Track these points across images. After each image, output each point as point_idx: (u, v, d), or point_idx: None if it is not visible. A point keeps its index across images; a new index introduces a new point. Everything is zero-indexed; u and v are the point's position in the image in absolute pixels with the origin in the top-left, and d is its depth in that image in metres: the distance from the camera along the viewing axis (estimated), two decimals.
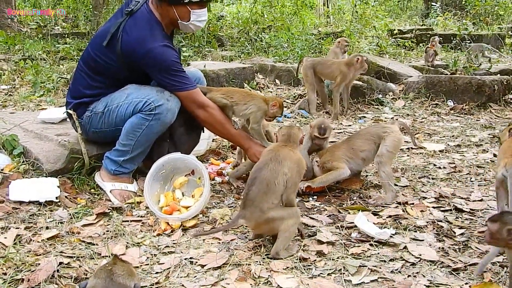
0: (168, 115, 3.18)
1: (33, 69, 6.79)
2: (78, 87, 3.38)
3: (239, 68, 7.06)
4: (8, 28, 10.37)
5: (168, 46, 3.22)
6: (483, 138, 4.92)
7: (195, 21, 3.31)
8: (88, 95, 3.34)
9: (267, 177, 2.50)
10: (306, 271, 2.37)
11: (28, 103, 5.59)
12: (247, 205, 2.48)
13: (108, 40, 3.18)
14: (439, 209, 3.14)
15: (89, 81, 3.32)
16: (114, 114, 3.24)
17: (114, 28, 3.19)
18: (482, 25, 14.42)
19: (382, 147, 3.34)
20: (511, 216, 2.00)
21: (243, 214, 2.48)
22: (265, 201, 2.47)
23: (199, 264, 2.43)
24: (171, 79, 3.20)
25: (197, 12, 3.28)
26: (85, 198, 3.25)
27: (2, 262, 2.36)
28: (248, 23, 12.75)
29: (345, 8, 17.68)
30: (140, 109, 3.15)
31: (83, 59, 3.39)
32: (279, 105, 3.43)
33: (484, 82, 6.26)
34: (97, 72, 3.30)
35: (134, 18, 3.22)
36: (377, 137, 3.40)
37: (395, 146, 3.37)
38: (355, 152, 3.44)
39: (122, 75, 3.29)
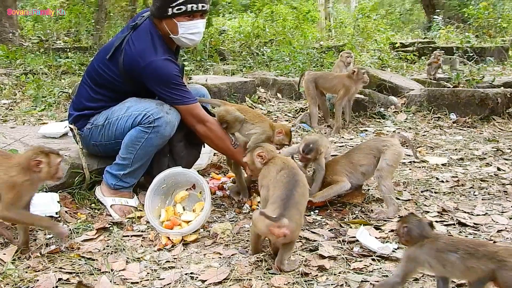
0: (167, 128, 3.19)
1: (34, 83, 6.83)
2: (81, 99, 3.42)
3: (240, 82, 7.09)
4: (9, 43, 10.46)
5: (169, 60, 3.24)
6: (487, 152, 4.91)
7: (186, 34, 3.30)
8: (90, 107, 3.37)
9: (303, 182, 2.62)
10: (308, 286, 2.36)
11: (29, 118, 5.62)
12: (291, 206, 2.45)
13: (111, 53, 3.23)
14: (442, 223, 3.13)
15: (92, 94, 3.36)
16: (114, 127, 3.26)
17: (118, 41, 3.25)
18: (485, 38, 14.49)
19: (382, 161, 3.34)
20: (414, 217, 2.21)
21: (287, 213, 2.41)
22: (303, 204, 2.55)
23: (200, 279, 2.42)
24: (171, 93, 3.22)
25: (184, 24, 3.27)
26: (86, 213, 3.26)
27: (0, 278, 2.36)
28: (249, 37, 12.86)
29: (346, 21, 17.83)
30: (139, 121, 3.16)
31: (87, 72, 3.44)
32: (285, 133, 3.42)
33: (487, 95, 6.27)
34: (99, 85, 3.34)
35: (138, 32, 3.28)
36: (377, 151, 3.40)
37: (395, 159, 3.36)
38: (354, 166, 3.44)
39: (124, 89, 3.32)
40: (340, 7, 23.02)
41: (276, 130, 3.42)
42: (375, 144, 3.48)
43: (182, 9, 3.22)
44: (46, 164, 2.61)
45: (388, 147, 3.37)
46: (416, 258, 2.10)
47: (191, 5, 3.23)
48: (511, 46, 13.15)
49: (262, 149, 2.83)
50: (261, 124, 3.44)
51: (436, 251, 2.06)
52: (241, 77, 8.08)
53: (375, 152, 3.41)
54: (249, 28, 14.49)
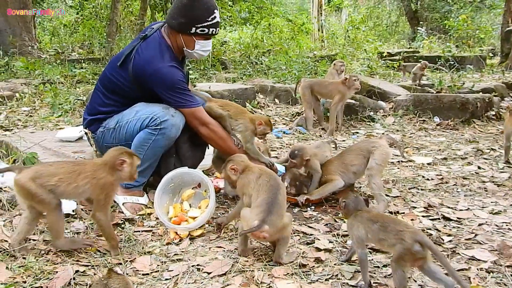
0: (172, 130, 3.19)
1: (51, 92, 6.83)
2: (94, 104, 3.42)
3: (241, 89, 7.08)
4: (29, 55, 10.44)
5: (175, 66, 3.24)
6: (468, 152, 4.91)
7: (199, 50, 3.35)
8: (102, 112, 3.37)
9: (283, 187, 2.60)
10: (305, 276, 2.35)
11: (47, 123, 5.61)
12: (274, 211, 2.43)
13: (122, 61, 3.23)
14: (428, 218, 3.12)
15: (104, 99, 3.35)
16: (124, 129, 3.25)
17: (128, 50, 3.26)
18: (464, 48, 14.51)
19: (372, 161, 3.32)
20: (355, 197, 2.46)
21: (269, 219, 2.40)
22: (284, 208, 2.53)
23: (206, 271, 2.41)
24: (176, 97, 3.21)
25: (201, 42, 3.32)
26: None
27: (22, 270, 2.35)
28: (249, 47, 12.87)
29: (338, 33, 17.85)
30: (147, 124, 3.16)
31: (100, 80, 3.44)
32: (264, 123, 3.40)
33: (468, 100, 6.28)
34: (111, 91, 3.33)
35: (147, 42, 3.28)
36: (367, 152, 3.38)
37: (383, 159, 3.35)
38: (346, 166, 3.43)
39: (133, 94, 3.31)
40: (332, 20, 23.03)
41: (257, 122, 3.40)
42: (364, 145, 3.47)
43: (205, 31, 3.27)
44: (129, 164, 2.61)
45: (376, 148, 3.36)
46: (353, 225, 2.34)
47: (212, 29, 3.29)
48: (488, 55, 13.17)
49: (232, 163, 2.78)
50: (243, 120, 3.42)
51: (365, 219, 2.30)
52: (241, 84, 8.08)
53: (365, 153, 3.39)
54: (249, 39, 14.51)
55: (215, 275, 2.36)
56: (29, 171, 2.50)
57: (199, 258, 2.56)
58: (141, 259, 2.54)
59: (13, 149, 3.81)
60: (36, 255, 2.55)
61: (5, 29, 10.59)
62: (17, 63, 9.07)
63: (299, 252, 2.61)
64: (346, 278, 2.32)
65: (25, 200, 2.52)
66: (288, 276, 2.35)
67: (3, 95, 6.74)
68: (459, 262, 2.49)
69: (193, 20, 3.23)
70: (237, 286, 2.24)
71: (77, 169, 2.55)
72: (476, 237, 2.79)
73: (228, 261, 2.50)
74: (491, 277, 2.32)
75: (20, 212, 3.05)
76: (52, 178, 2.48)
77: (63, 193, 2.52)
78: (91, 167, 2.58)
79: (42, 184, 2.46)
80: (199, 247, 2.72)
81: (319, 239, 2.77)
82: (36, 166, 2.60)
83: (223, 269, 2.40)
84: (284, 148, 5.14)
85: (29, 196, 2.47)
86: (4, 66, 9.22)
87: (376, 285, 2.26)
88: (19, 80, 8.10)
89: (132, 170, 2.64)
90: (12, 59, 9.70)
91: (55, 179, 2.49)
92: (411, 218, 3.09)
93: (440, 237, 2.80)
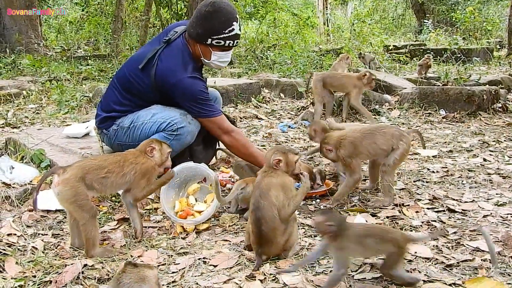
0: (188, 137, 3.26)
1: (58, 89, 6.89)
2: (109, 102, 3.45)
3: (246, 83, 7.10)
4: (35, 52, 10.51)
5: (197, 77, 3.27)
6: (474, 144, 4.90)
7: (216, 61, 3.36)
8: (117, 110, 3.41)
9: (269, 215, 2.40)
10: (311, 269, 2.37)
11: (54, 120, 5.66)
12: (264, 243, 2.40)
13: (144, 65, 3.23)
14: (433, 210, 3.13)
15: (120, 98, 3.38)
16: (139, 130, 3.29)
17: (150, 54, 3.25)
18: (471, 40, 14.41)
19: (392, 156, 3.20)
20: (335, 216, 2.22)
21: (263, 251, 2.41)
22: (277, 234, 2.42)
23: (212, 264, 2.44)
24: (198, 107, 3.25)
25: (218, 54, 3.32)
26: (107, 205, 3.29)
27: (32, 265, 2.39)
28: (254, 42, 12.85)
29: (343, 26, 17.78)
30: (163, 128, 3.21)
31: (118, 78, 3.43)
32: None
33: (474, 92, 6.24)
34: (129, 91, 3.36)
35: (170, 48, 3.28)
36: (395, 142, 3.21)
37: (402, 157, 3.26)
38: (375, 148, 3.23)
39: (152, 98, 3.34)
40: (337, 13, 22.95)
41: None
42: (397, 135, 3.23)
43: (221, 43, 3.25)
44: (158, 151, 2.79)
45: (403, 143, 3.21)
46: (347, 246, 2.16)
47: (229, 42, 3.27)
48: (495, 47, 13.08)
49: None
50: None
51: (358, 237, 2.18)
52: (247, 79, 8.09)
53: (394, 142, 3.21)
54: (254, 34, 14.49)
55: (221, 268, 2.39)
56: (76, 169, 2.53)
57: (205, 251, 2.59)
58: (148, 253, 2.58)
59: (21, 146, 3.86)
60: (46, 249, 2.59)
61: (11, 27, 10.67)
62: (23, 61, 9.16)
63: (304, 245, 2.63)
64: (351, 270, 2.34)
65: (65, 203, 2.53)
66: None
67: (10, 92, 6.81)
68: (464, 253, 2.50)
69: (210, 31, 3.20)
70: (242, 278, 2.27)
71: (119, 159, 2.69)
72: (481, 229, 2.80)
73: (234, 254, 2.53)
74: (496, 267, 2.33)
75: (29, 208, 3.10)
76: (102, 171, 2.59)
77: (112, 184, 2.63)
78: (132, 155, 2.74)
79: (93, 179, 2.55)
80: (205, 240, 2.76)
81: None
82: (79, 163, 2.63)
83: (229, 262, 2.44)
84: (289, 143, 5.16)
85: (72, 198, 2.49)
86: (10, 63, 9.29)
87: (382, 275, 2.28)
88: (26, 78, 8.17)
89: (163, 156, 2.83)
90: (19, 57, 9.77)
91: (104, 171, 2.59)
92: (416, 210, 3.10)
93: (445, 228, 2.81)
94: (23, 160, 3.70)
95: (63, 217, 3.05)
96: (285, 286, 2.21)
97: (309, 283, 2.21)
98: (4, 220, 2.93)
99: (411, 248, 2.53)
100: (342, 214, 3.10)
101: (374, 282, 2.23)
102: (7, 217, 2.99)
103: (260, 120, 6.27)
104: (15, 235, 2.71)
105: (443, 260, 2.42)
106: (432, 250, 2.53)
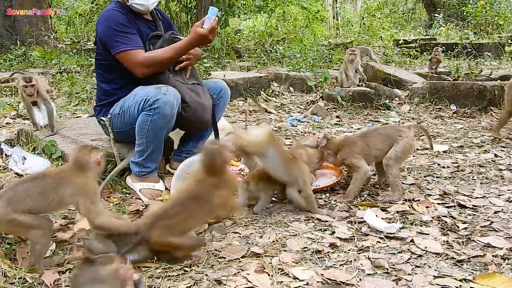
0: (166, 108, 3.15)
1: (68, 81, 6.92)
2: (98, 94, 3.60)
3: (255, 77, 7.09)
4: (45, 45, 10.56)
5: (119, 11, 3.31)
6: (485, 140, 4.87)
7: (133, 2, 3.37)
8: (105, 99, 3.51)
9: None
10: (320, 262, 2.37)
11: (64, 112, 5.69)
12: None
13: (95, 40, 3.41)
14: (443, 205, 3.11)
15: (103, 87, 3.50)
16: (127, 114, 3.32)
17: None
18: (482, 35, 14.25)
19: (392, 150, 3.25)
20: None
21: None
22: None
23: (221, 256, 2.45)
24: (112, 39, 3.26)
25: None
26: (118, 197, 3.31)
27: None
28: (263, 36, 12.81)
29: (353, 20, 17.67)
30: (142, 107, 3.19)
31: (96, 69, 3.58)
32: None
33: (485, 87, 6.20)
34: (103, 75, 3.48)
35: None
36: (392, 140, 3.29)
37: (405, 151, 3.28)
38: (370, 149, 3.31)
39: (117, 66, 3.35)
40: (347, 7, 22.80)
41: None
42: (392, 133, 3.34)
43: None
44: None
45: (402, 138, 3.26)
46: None
47: None
48: (507, 42, 12.92)
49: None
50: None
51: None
52: (256, 72, 8.07)
53: (390, 140, 3.29)
54: (263, 27, 14.45)
55: (230, 260, 2.40)
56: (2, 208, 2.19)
57: (215, 243, 2.60)
58: None
59: (32, 137, 3.88)
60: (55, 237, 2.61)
61: (21, 20, 10.71)
62: (34, 53, 9.19)
63: (313, 238, 2.63)
64: (361, 264, 2.34)
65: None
66: (303, 261, 2.37)
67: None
68: (474, 249, 2.49)
69: None
70: (252, 271, 2.27)
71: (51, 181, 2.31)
72: (491, 225, 2.78)
73: (243, 247, 2.53)
74: (507, 263, 2.32)
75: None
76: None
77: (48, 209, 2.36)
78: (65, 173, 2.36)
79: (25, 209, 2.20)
80: (215, 232, 2.76)
81: (334, 226, 2.78)
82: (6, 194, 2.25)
83: (239, 254, 2.44)
84: (299, 136, 5.15)
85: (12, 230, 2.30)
86: (21, 56, 9.33)
87: (392, 270, 2.28)
88: (37, 70, 8.20)
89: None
90: (29, 49, 9.82)
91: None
92: (426, 206, 3.09)
93: (455, 224, 2.80)
94: (35, 151, 3.72)
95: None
96: (294, 279, 2.21)
97: (318, 276, 2.21)
98: None
99: (421, 243, 2.54)
100: (352, 208, 3.10)
101: (383, 278, 2.23)
102: None
103: (270, 114, 6.26)
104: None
105: (453, 255, 2.41)
106: (442, 245, 2.52)
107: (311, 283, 2.16)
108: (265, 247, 2.54)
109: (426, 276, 2.21)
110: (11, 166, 3.49)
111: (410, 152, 3.41)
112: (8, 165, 3.53)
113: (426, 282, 2.16)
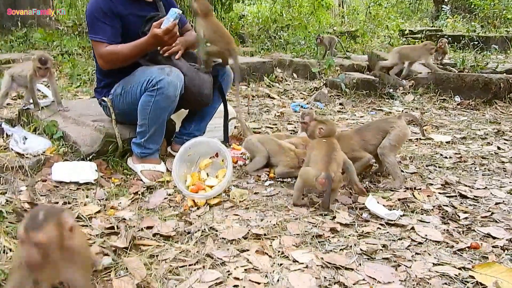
0: (170, 89, 3.14)
1: (70, 63, 6.91)
2: (97, 75, 3.62)
3: (259, 62, 7.10)
4: (47, 27, 10.50)
5: None
6: (488, 132, 4.88)
7: None
8: (104, 80, 3.53)
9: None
10: (321, 246, 2.40)
11: (66, 93, 5.70)
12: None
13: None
14: (444, 195, 3.14)
15: (100, 68, 3.46)
16: (129, 95, 3.32)
17: None
18: (490, 28, 14.17)
19: (386, 140, 3.30)
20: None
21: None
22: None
23: (222, 237, 2.48)
24: (90, 25, 3.30)
25: None
26: (119, 178, 3.33)
27: None
28: (267, 21, 12.75)
29: (359, 9, 17.55)
30: (145, 87, 3.18)
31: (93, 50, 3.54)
32: None
33: (491, 80, 6.19)
34: None
35: None
36: (384, 132, 3.35)
37: (398, 139, 3.31)
38: (365, 143, 3.38)
39: None
40: None
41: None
42: (383, 125, 3.40)
43: None
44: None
45: (394, 128, 3.32)
46: None
47: None
48: None
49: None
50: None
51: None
52: (259, 58, 8.07)
53: (383, 133, 3.35)
54: (267, 13, 14.36)
55: (231, 240, 2.43)
56: None
57: (215, 225, 2.62)
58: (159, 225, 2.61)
59: (33, 117, 3.89)
60: None
61: (23, 1, 10.65)
62: (35, 35, 9.15)
63: (314, 223, 2.66)
64: (361, 248, 2.37)
65: None
66: (303, 245, 2.40)
67: None
68: (474, 239, 2.51)
69: None
70: (253, 252, 2.30)
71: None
72: (492, 215, 2.80)
73: (244, 229, 2.56)
74: (506, 254, 2.34)
75: (42, 178, 3.16)
76: None
77: None
78: None
79: None
80: (216, 215, 2.79)
81: (337, 211, 2.81)
82: None
83: (238, 235, 2.47)
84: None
85: None
86: (22, 37, 9.29)
87: (392, 255, 2.30)
88: (38, 51, 8.19)
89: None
90: (31, 31, 9.78)
91: None
92: (428, 194, 3.11)
93: (456, 213, 2.82)
94: (36, 132, 3.74)
95: (76, 188, 3.10)
96: (294, 262, 2.24)
97: (318, 259, 2.24)
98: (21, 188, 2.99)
99: (422, 231, 2.56)
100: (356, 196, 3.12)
101: (383, 263, 2.26)
102: (21, 186, 3.04)
103: (272, 99, 6.26)
104: (31, 203, 2.75)
105: (453, 244, 2.44)
106: (442, 234, 2.55)
107: (310, 266, 2.18)
108: (264, 230, 2.56)
109: (425, 263, 2.23)
110: (12, 146, 3.50)
111: (404, 140, 3.45)
112: (9, 144, 3.54)
113: (425, 269, 2.18)
